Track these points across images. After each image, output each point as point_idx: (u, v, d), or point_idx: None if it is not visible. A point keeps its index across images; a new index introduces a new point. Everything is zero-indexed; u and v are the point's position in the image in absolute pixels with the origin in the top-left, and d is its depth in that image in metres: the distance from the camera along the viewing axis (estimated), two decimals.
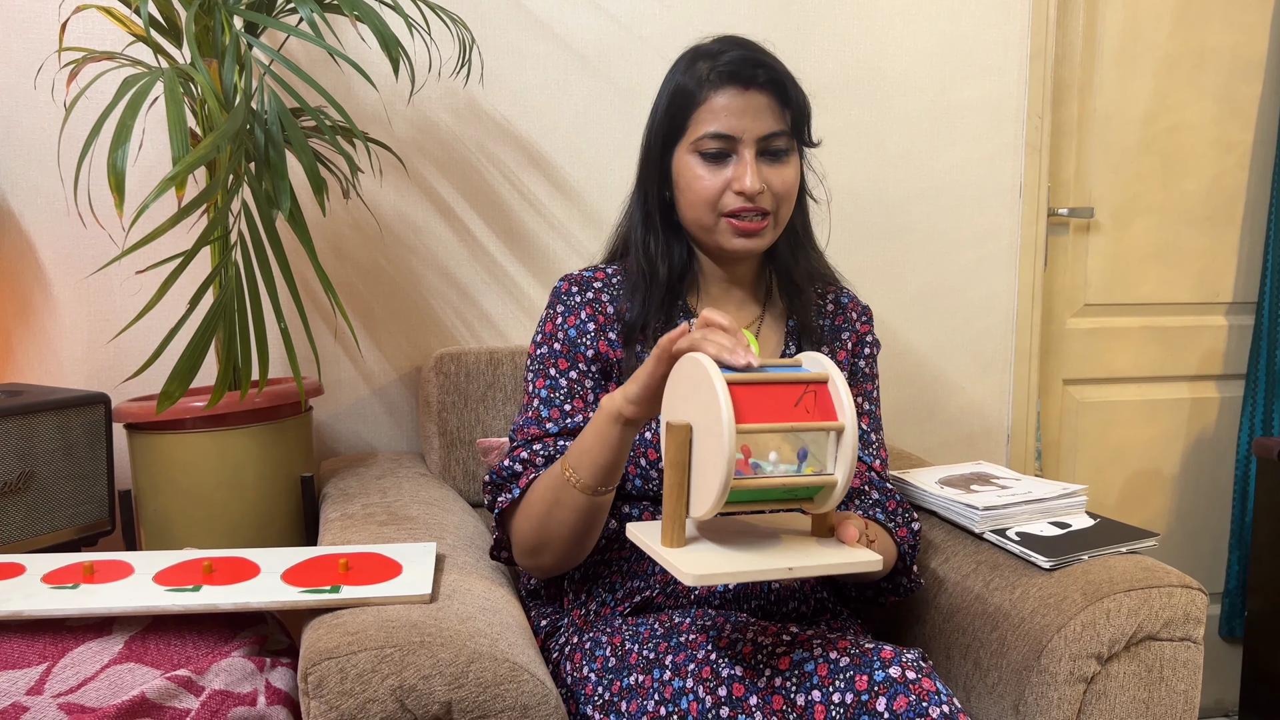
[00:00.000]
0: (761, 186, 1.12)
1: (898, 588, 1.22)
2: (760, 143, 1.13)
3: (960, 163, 1.98)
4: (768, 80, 1.13)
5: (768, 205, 1.14)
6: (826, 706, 0.90)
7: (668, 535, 0.89)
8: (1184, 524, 2.30)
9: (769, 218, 1.15)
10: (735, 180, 1.12)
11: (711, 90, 1.13)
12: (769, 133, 1.13)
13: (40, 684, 0.94)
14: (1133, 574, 1.12)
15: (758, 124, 1.12)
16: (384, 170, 1.68)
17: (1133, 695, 1.08)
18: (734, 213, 1.14)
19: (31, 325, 1.57)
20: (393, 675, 0.87)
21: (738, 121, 1.12)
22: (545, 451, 1.15)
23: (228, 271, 1.23)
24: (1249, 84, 2.18)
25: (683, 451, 0.87)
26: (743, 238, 1.15)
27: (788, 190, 1.15)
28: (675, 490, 0.87)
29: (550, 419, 1.17)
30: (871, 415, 1.30)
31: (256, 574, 1.05)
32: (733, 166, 1.13)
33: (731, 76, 1.12)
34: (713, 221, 1.15)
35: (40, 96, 1.53)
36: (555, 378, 1.19)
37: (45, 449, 1.30)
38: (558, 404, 1.17)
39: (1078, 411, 2.19)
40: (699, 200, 1.15)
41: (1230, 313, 2.26)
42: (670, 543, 0.89)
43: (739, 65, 1.12)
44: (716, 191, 1.13)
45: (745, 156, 1.12)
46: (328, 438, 1.73)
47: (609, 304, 1.21)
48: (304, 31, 1.26)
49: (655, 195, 1.20)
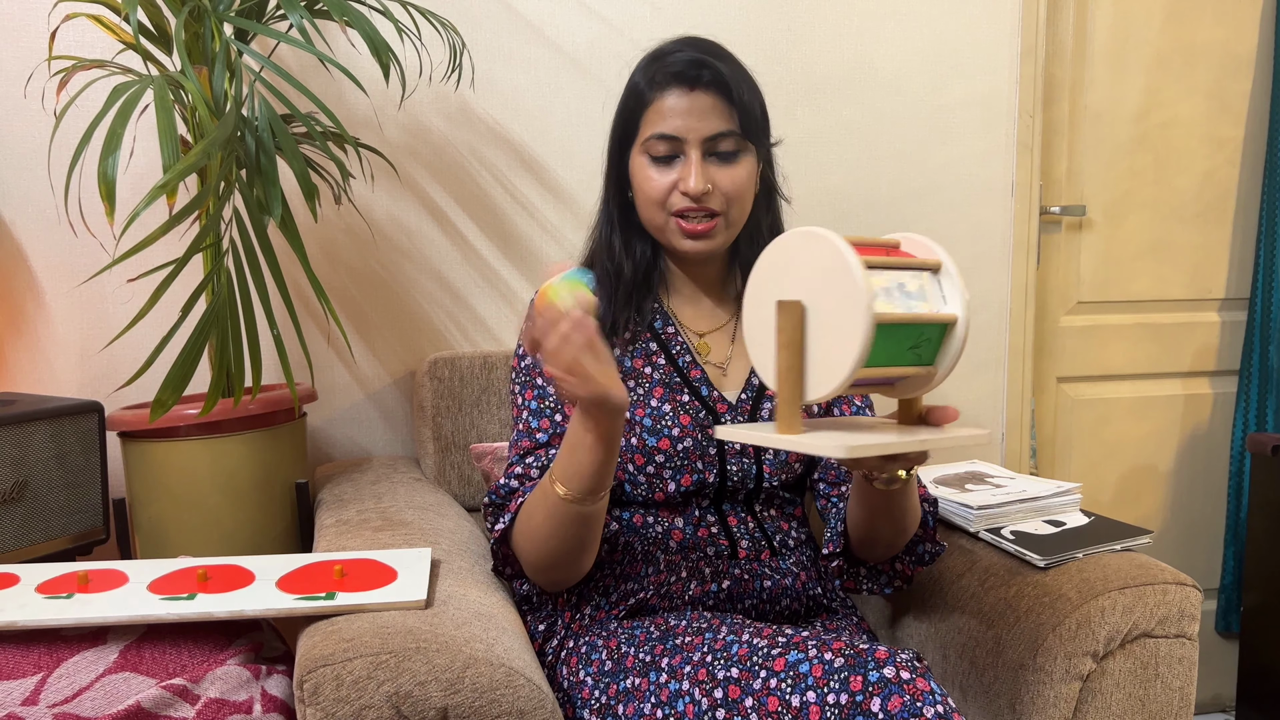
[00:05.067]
0: (706, 186, 1.12)
1: (923, 556, 1.19)
2: (706, 143, 1.12)
3: (952, 161, 1.98)
4: (712, 80, 1.12)
5: (716, 206, 1.13)
6: (821, 707, 0.90)
7: (785, 422, 0.85)
8: (1179, 520, 2.30)
9: (718, 218, 1.14)
10: (681, 181, 1.13)
11: (659, 91, 1.13)
12: (715, 133, 1.12)
13: (35, 694, 0.94)
14: (1127, 571, 1.12)
15: (703, 124, 1.12)
16: (376, 175, 1.68)
17: (1128, 692, 1.09)
18: (680, 213, 1.14)
19: (24, 334, 1.57)
20: (388, 682, 0.87)
21: (683, 122, 1.12)
22: (539, 463, 1.15)
23: (220, 278, 1.23)
24: (1239, 80, 2.19)
25: (798, 330, 0.83)
26: (690, 239, 1.15)
27: (737, 190, 1.14)
28: (789, 372, 0.84)
29: (540, 429, 1.17)
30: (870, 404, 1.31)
31: (251, 581, 1.04)
32: (679, 167, 1.13)
33: (677, 77, 1.12)
34: (663, 221, 1.16)
35: (30, 105, 1.53)
36: (542, 387, 1.19)
37: (39, 458, 1.30)
38: (547, 414, 1.18)
39: (1072, 409, 2.19)
40: (649, 201, 1.15)
41: (1223, 309, 2.27)
42: (788, 429, 0.84)
43: (684, 66, 1.12)
44: (664, 191, 1.14)
45: (691, 157, 1.12)
46: (322, 443, 1.72)
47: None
48: (294, 38, 1.26)
49: (615, 196, 1.21)
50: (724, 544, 1.18)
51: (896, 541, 1.15)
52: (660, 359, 1.21)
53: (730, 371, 1.23)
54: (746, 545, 1.19)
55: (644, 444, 1.16)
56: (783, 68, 1.86)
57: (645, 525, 1.19)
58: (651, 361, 1.20)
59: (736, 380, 1.23)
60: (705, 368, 1.21)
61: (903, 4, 1.91)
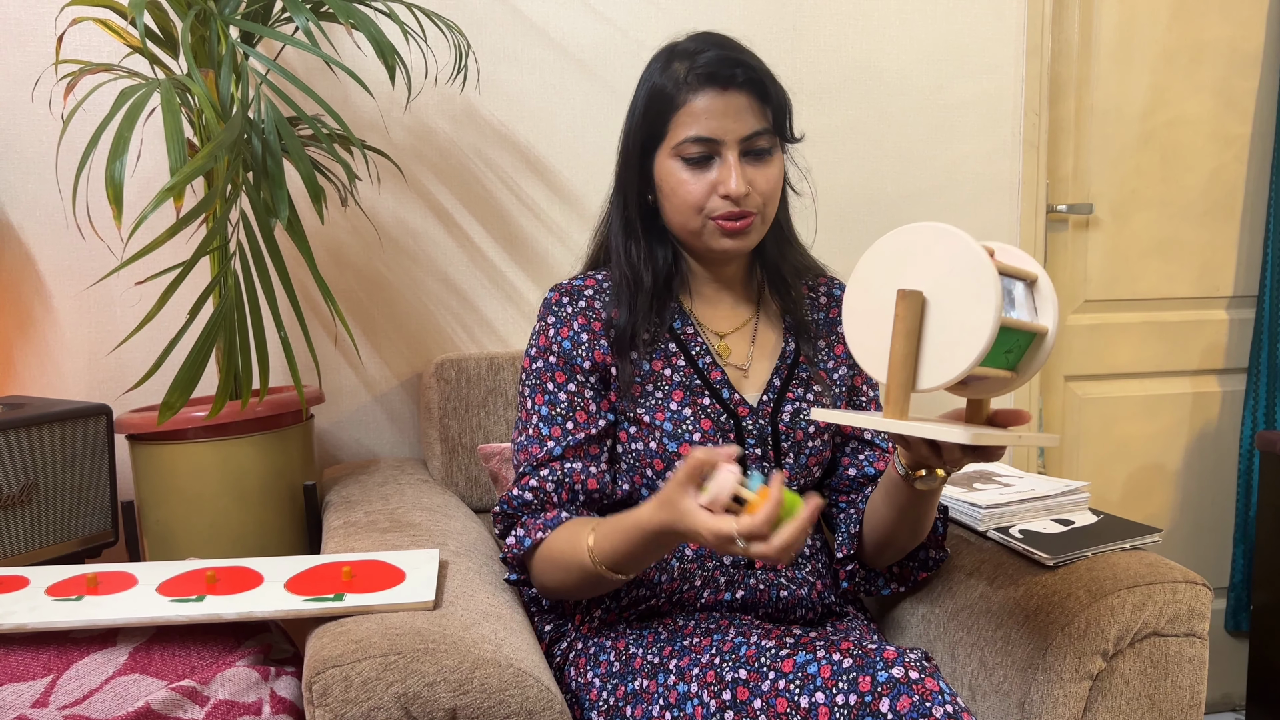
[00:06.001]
0: (747, 188, 1.10)
1: (927, 561, 1.23)
2: (743, 143, 1.10)
3: (958, 161, 1.98)
4: (747, 80, 1.10)
5: (754, 206, 1.12)
6: (830, 708, 0.90)
7: (895, 408, 0.86)
8: (1188, 519, 2.29)
9: (754, 216, 1.13)
10: (720, 184, 1.10)
11: (690, 92, 1.10)
12: (751, 132, 1.10)
13: (45, 696, 0.94)
14: (1137, 570, 1.12)
15: (739, 125, 1.10)
16: (382, 177, 1.68)
17: (1139, 691, 1.08)
18: (721, 216, 1.12)
19: (32, 338, 1.57)
20: (397, 683, 0.87)
21: (719, 124, 1.09)
22: (553, 477, 1.13)
23: (227, 281, 1.24)
24: (1246, 77, 2.18)
25: (917, 319, 0.85)
26: (730, 238, 1.13)
27: (773, 189, 1.13)
28: (905, 360, 0.85)
29: (552, 437, 1.15)
30: (879, 403, 1.30)
31: (260, 583, 1.05)
32: (717, 169, 1.11)
33: (710, 78, 1.09)
34: (700, 225, 1.13)
35: (38, 109, 1.53)
36: (554, 392, 1.16)
37: (48, 461, 1.30)
38: (559, 421, 1.15)
39: (1080, 408, 2.19)
40: (685, 205, 1.12)
41: (1231, 307, 2.26)
42: (898, 415, 0.86)
43: (717, 65, 1.09)
44: (702, 196, 1.11)
45: (729, 159, 1.10)
46: (330, 445, 1.73)
47: (602, 311, 1.18)
48: (300, 40, 1.26)
49: (635, 200, 1.18)
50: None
51: (909, 546, 1.17)
52: (680, 360, 1.18)
53: (751, 374, 1.21)
54: None
55: (664, 449, 1.14)
56: (787, 68, 1.86)
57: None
58: (671, 363, 1.18)
59: (758, 382, 1.20)
60: (726, 369, 1.19)
61: (908, 3, 1.91)
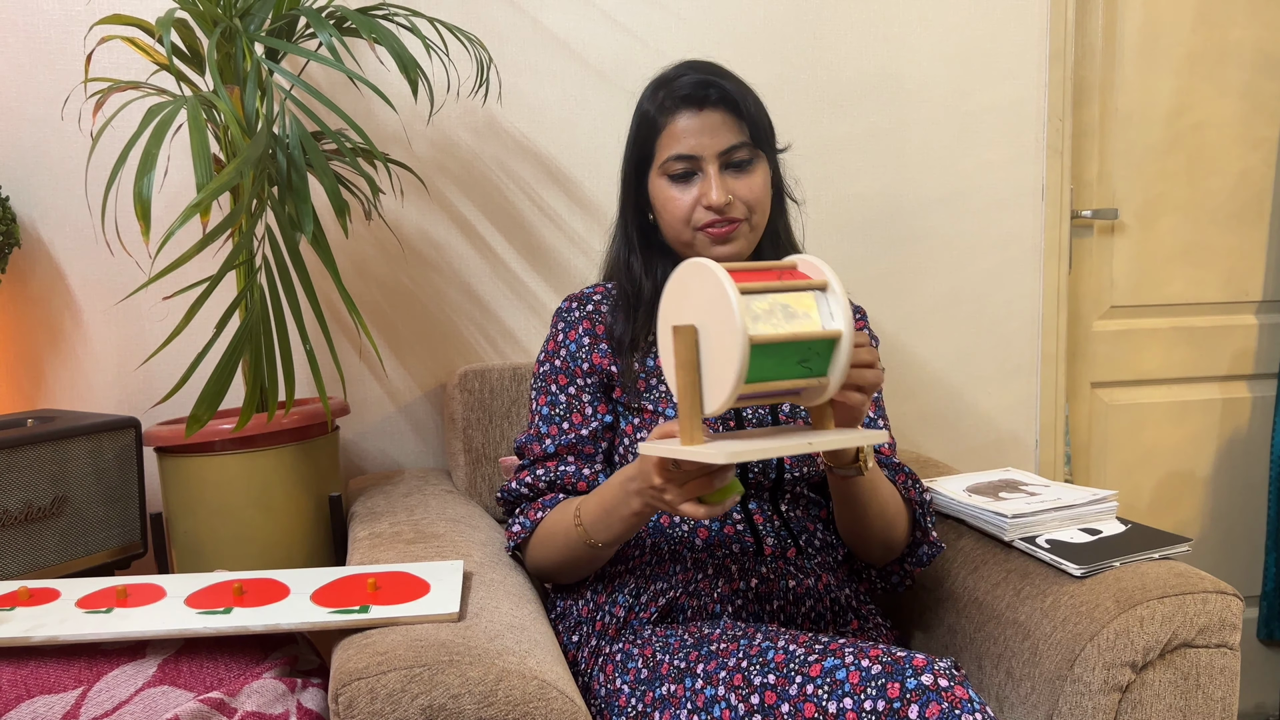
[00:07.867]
0: (728, 198, 1.18)
1: (920, 557, 1.25)
2: (721, 157, 1.19)
3: (981, 167, 1.97)
4: (720, 98, 1.18)
5: (739, 214, 1.19)
6: (858, 714, 0.90)
7: (686, 434, 0.92)
8: (1218, 527, 2.26)
9: (740, 223, 1.20)
10: (703, 196, 1.19)
11: (670, 115, 1.20)
12: (728, 146, 1.18)
13: (76, 708, 0.95)
14: (1166, 580, 1.10)
15: (716, 140, 1.18)
16: (405, 190, 1.69)
17: (1169, 704, 1.07)
18: (706, 225, 1.19)
19: (62, 351, 1.60)
20: (422, 694, 0.87)
21: (696, 140, 1.18)
22: (547, 476, 1.23)
23: (253, 295, 1.25)
24: (1273, 79, 2.16)
25: (691, 351, 0.92)
26: (720, 244, 1.20)
27: (756, 197, 1.21)
28: (689, 390, 0.92)
29: (549, 435, 1.25)
30: (876, 403, 1.34)
31: (286, 595, 1.05)
32: (699, 183, 1.19)
33: (686, 100, 1.19)
34: (691, 237, 1.21)
35: (68, 126, 1.56)
36: (555, 394, 1.27)
37: (78, 474, 1.32)
38: (556, 421, 1.26)
39: (1107, 415, 2.17)
40: (675, 219, 1.21)
41: (1260, 311, 2.23)
42: (690, 440, 0.92)
43: (691, 88, 1.18)
44: (688, 209, 1.20)
45: (709, 172, 1.18)
46: (355, 456, 1.74)
47: (608, 316, 1.28)
48: (324, 56, 1.28)
49: (635, 219, 1.28)
50: (749, 540, 1.20)
51: (887, 536, 1.21)
52: None
53: None
54: (772, 543, 1.20)
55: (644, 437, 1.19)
56: (809, 75, 1.86)
57: (672, 525, 1.21)
58: None
59: None
60: None
61: (929, 9, 1.90)
